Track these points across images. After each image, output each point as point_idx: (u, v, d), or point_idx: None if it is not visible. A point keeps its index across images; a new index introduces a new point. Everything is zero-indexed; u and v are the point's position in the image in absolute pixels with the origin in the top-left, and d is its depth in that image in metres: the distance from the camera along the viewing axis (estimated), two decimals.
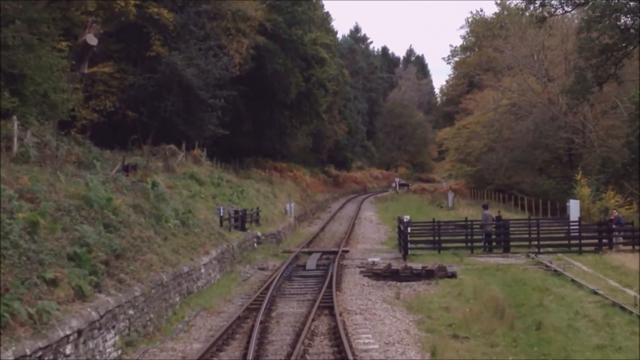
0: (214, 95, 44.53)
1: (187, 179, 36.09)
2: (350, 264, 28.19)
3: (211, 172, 41.08)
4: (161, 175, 34.16)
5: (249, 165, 57.84)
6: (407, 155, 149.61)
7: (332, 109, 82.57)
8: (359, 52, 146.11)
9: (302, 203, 56.78)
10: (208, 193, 35.28)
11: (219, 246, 25.22)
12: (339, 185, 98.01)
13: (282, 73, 54.02)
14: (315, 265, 27.61)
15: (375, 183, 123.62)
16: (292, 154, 77.73)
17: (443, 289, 22.38)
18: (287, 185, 59.37)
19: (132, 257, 17.26)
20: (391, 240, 38.44)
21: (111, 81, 42.12)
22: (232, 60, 45.95)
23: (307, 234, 42.81)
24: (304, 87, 59.65)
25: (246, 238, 30.72)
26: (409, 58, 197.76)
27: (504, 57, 72.08)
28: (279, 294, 21.77)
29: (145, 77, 43.30)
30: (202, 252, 22.74)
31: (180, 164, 38.86)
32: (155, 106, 43.23)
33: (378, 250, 33.52)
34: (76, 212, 17.16)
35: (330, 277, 23.78)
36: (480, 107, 76.31)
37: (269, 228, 36.94)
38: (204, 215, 28.79)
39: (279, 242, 36.84)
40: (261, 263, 28.63)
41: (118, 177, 25.96)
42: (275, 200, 47.38)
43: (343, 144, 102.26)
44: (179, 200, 27.32)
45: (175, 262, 19.53)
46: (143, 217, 20.95)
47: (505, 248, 31.33)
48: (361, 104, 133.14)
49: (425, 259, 29.00)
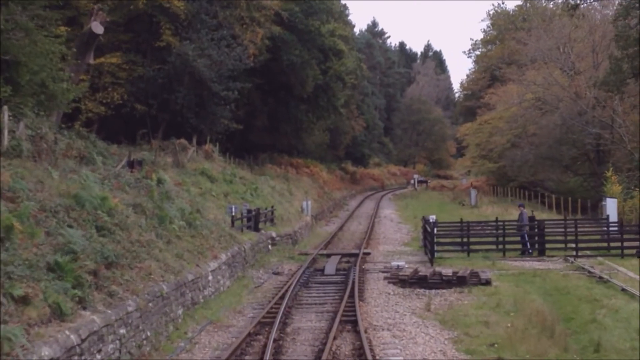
0: (227, 88, 42.37)
1: (197, 175, 33.97)
2: (373, 269, 25.91)
3: (224, 169, 38.90)
4: (170, 172, 32.08)
5: (264, 161, 55.64)
6: (425, 152, 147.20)
7: (349, 103, 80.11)
8: (377, 46, 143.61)
9: (319, 200, 54.51)
10: (219, 191, 33.10)
11: (230, 249, 23.00)
12: (356, 182, 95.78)
13: (298, 65, 51.69)
14: (335, 269, 25.35)
15: (393, 180, 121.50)
16: (308, 150, 75.48)
17: (478, 298, 20.05)
18: (303, 182, 57.10)
19: (127, 264, 15.08)
20: (414, 241, 36.14)
21: (119, 72, 40.29)
22: (246, 51, 43.73)
23: (325, 234, 40.56)
24: (321, 80, 57.29)
25: (260, 239, 28.47)
26: (427, 53, 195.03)
27: (528, 49, 69.32)
28: (295, 303, 19.52)
29: (155, 69, 41.35)
30: (210, 256, 20.53)
31: (190, 160, 36.75)
32: (165, 99, 41.22)
33: (401, 253, 31.21)
34: (64, 213, 15.03)
35: (351, 284, 21.50)
36: (502, 102, 73.57)
37: (284, 228, 34.69)
38: (214, 214, 26.60)
39: (295, 243, 34.60)
40: (276, 267, 26.41)
41: (121, 173, 23.82)
42: (291, 198, 45.12)
43: (360, 140, 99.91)
44: (187, 198, 25.14)
45: (179, 269, 17.33)
46: (144, 218, 18.79)
47: (541, 251, 28.88)
48: (378, 100, 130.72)
49: (454, 262, 26.71)
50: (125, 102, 40.04)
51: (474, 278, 22.59)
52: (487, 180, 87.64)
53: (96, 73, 39.81)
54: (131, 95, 40.50)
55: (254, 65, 45.92)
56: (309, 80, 54.20)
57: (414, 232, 41.48)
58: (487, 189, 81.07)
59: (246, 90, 47.67)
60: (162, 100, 41.28)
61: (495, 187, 77.47)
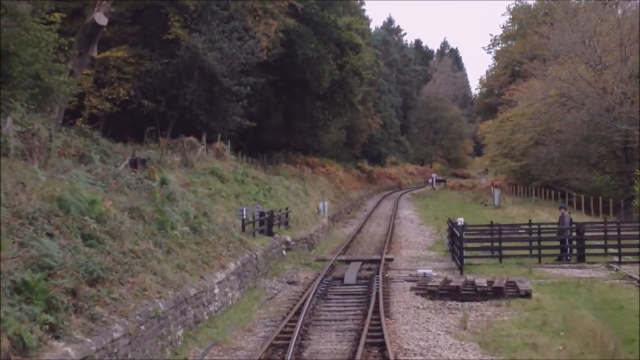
0: (239, 83, 40.19)
1: (207, 175, 31.82)
2: (397, 277, 23.60)
3: (235, 168, 36.70)
4: (177, 171, 30.02)
5: (278, 160, 53.40)
6: (442, 151, 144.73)
7: (366, 100, 77.64)
8: (393, 44, 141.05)
9: (336, 201, 52.19)
10: (230, 191, 30.91)
11: (240, 257, 20.76)
12: (373, 181, 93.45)
13: (314, 59, 49.37)
14: (355, 278, 23.05)
15: (410, 179, 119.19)
16: (324, 149, 73.14)
17: (519, 314, 17.70)
18: (319, 181, 54.75)
19: (117, 279, 12.89)
20: (439, 245, 33.82)
21: (125, 67, 38.32)
22: (258, 44, 41.52)
23: (343, 237, 38.29)
24: (338, 75, 54.93)
25: (273, 244, 26.19)
26: (443, 51, 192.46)
27: (551, 43, 66.69)
28: (312, 320, 17.23)
29: (163, 63, 39.31)
30: (217, 266, 18.29)
31: (200, 159, 34.62)
32: (174, 94, 39.16)
33: (426, 258, 28.86)
34: (44, 220, 12.89)
35: (375, 296, 19.20)
36: (525, 98, 70.93)
37: (299, 231, 32.41)
38: (223, 218, 24.37)
39: (312, 247, 32.30)
40: (291, 275, 24.14)
41: (121, 173, 21.69)
42: (306, 199, 42.81)
43: (377, 138, 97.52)
44: (193, 200, 22.93)
45: (180, 283, 15.10)
46: (141, 224, 16.61)
47: (580, 257, 26.41)
48: (395, 98, 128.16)
49: (485, 270, 24.37)
50: (132, 98, 38.10)
51: (511, 289, 20.26)
52: (507, 179, 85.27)
53: (101, 68, 37.85)
54: (138, 90, 38.55)
55: (267, 59, 43.74)
56: (325, 76, 51.90)
57: (437, 234, 39.17)
58: (508, 188, 78.58)
59: (259, 86, 45.51)
60: (171, 96, 39.25)
61: (515, 187, 75.10)
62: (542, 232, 28.28)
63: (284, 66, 49.76)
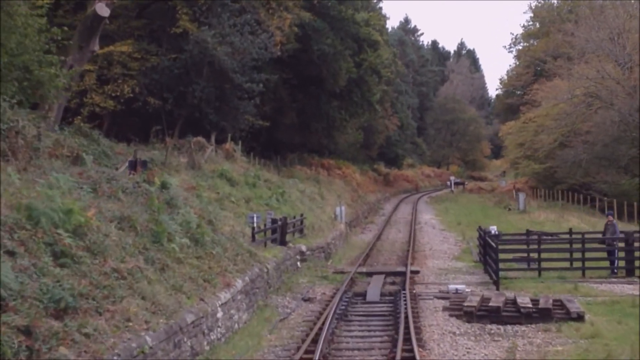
0: (251, 79, 37.77)
1: (215, 178, 29.38)
2: (426, 293, 21.00)
3: (246, 170, 34.21)
4: (183, 174, 27.64)
5: (293, 162, 50.86)
6: (459, 153, 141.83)
7: (383, 101, 75.00)
8: (409, 44, 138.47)
9: (353, 205, 49.62)
10: (240, 196, 28.41)
11: (248, 271, 18.22)
12: (390, 184, 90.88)
13: (330, 56, 46.87)
14: (379, 294, 20.47)
15: (427, 181, 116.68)
16: (340, 150, 70.55)
17: (574, 342, 15.06)
18: (336, 184, 52.13)
19: (93, 308, 10.39)
20: (466, 255, 31.24)
21: (130, 63, 36.01)
22: (272, 38, 39.00)
23: (361, 244, 35.74)
24: (355, 73, 52.42)
25: (286, 256, 23.60)
26: (460, 52, 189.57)
27: (578, 41, 63.84)
28: (332, 348, 14.67)
29: (171, 58, 36.96)
30: (222, 284, 15.76)
31: (208, 160, 32.20)
32: (181, 92, 36.83)
33: (455, 270, 26.22)
34: (7, 234, 10.41)
35: (404, 318, 16.61)
36: (549, 98, 68.05)
37: (315, 239, 29.84)
38: (231, 226, 21.89)
39: (329, 257, 29.73)
40: (306, 290, 21.55)
41: (116, 176, 19.21)
42: (323, 203, 40.20)
43: (394, 139, 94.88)
44: (197, 206, 20.43)
45: (174, 309, 12.59)
46: (132, 236, 14.14)
47: (629, 270, 23.65)
48: (411, 99, 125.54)
49: (524, 285, 21.78)
50: (137, 95, 35.82)
51: (559, 309, 17.64)
52: (527, 182, 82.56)
53: (104, 63, 35.57)
54: (144, 88, 36.32)
55: (280, 55, 41.27)
56: (341, 73, 49.42)
57: (462, 242, 36.59)
58: (530, 191, 75.78)
59: (272, 83, 43.09)
60: (179, 94, 36.92)
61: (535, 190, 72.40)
62: (586, 242, 25.37)
63: (298, 63, 47.33)
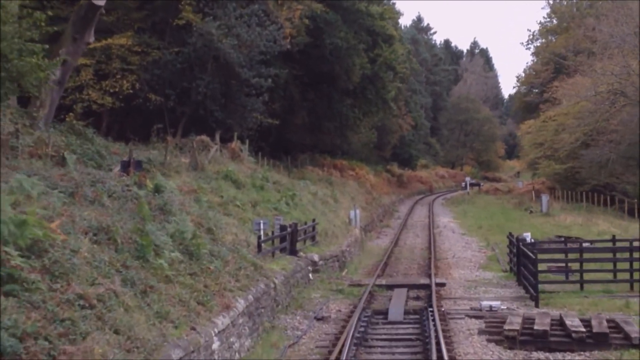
0: (259, 74, 35.34)
1: (219, 180, 26.89)
2: (456, 311, 18.41)
3: (253, 171, 31.67)
4: (184, 175, 25.23)
5: (304, 163, 48.27)
6: (473, 153, 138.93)
7: (398, 99, 72.29)
8: (422, 42, 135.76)
9: (367, 208, 46.99)
10: (246, 199, 25.87)
11: (253, 288, 15.69)
12: (403, 185, 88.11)
13: (343, 50, 44.31)
14: (403, 313, 17.92)
15: (441, 182, 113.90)
16: (353, 150, 67.88)
17: None
18: (349, 186, 49.46)
19: (44, 352, 7.92)
20: (493, 263, 28.68)
21: (130, 57, 33.81)
22: (281, 30, 36.58)
23: (378, 251, 33.20)
24: (369, 69, 49.84)
25: (297, 267, 20.98)
26: (473, 51, 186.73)
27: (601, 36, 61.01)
28: None
29: (173, 52, 34.67)
30: (220, 306, 13.25)
31: (212, 161, 29.74)
32: (185, 88, 34.50)
33: (484, 282, 23.60)
34: None
35: (435, 344, 14.06)
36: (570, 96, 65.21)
37: (329, 247, 27.27)
38: (234, 235, 19.39)
39: (343, 266, 27.15)
40: (319, 307, 18.96)
41: (103, 178, 16.78)
42: (336, 207, 37.56)
43: (408, 139, 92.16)
44: (195, 212, 17.96)
45: (156, 343, 10.05)
46: (110, 252, 11.68)
47: None
48: (424, 98, 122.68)
49: (567, 301, 19.21)
50: (137, 91, 33.62)
51: (615, 333, 15.06)
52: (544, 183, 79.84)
53: (102, 57, 33.29)
54: (144, 83, 34.13)
55: (290, 49, 38.85)
56: (355, 69, 46.86)
57: (487, 248, 34.02)
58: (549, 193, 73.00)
59: (282, 79, 40.71)
60: (182, 90, 34.58)
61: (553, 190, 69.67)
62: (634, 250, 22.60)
63: (310, 58, 44.85)
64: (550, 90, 72.63)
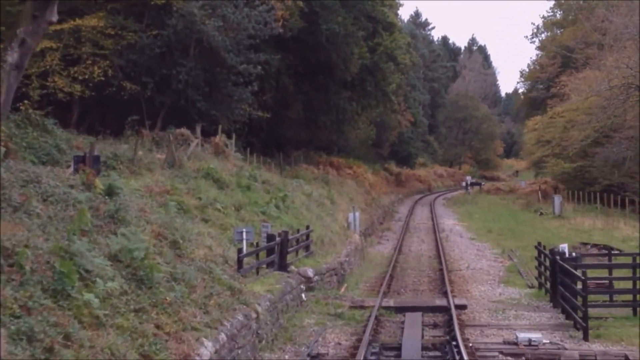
0: (247, 60, 31.63)
1: (199, 178, 23.06)
2: (485, 346, 14.56)
3: (240, 169, 27.74)
4: (157, 174, 21.54)
5: (297, 160, 44.38)
6: (472, 152, 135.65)
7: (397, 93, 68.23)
8: (420, 38, 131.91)
9: (367, 210, 43.13)
10: (229, 202, 22.03)
11: (226, 323, 11.87)
12: (402, 184, 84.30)
13: (340, 37, 40.49)
14: (420, 348, 14.11)
15: (440, 182, 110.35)
16: (350, 147, 63.89)
17: None
18: (347, 186, 45.48)
19: None
20: (513, 275, 25.08)
21: (103, 40, 30.36)
22: (272, 12, 32.80)
23: (381, 260, 29.42)
24: (369, 59, 46.02)
25: (287, 286, 16.96)
26: (471, 48, 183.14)
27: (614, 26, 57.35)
28: None
29: (151, 35, 31.03)
30: (175, 357, 9.44)
31: (192, 157, 25.90)
32: (164, 75, 30.85)
33: (513, 303, 19.70)
34: None
35: None
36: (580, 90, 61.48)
37: (325, 258, 23.35)
38: (208, 247, 15.55)
39: (342, 279, 23.24)
40: (313, 340, 15.03)
41: (39, 176, 13.08)
42: (333, 209, 33.57)
43: (407, 137, 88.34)
44: (158, 221, 14.17)
45: None
46: (8, 286, 7.91)
47: None
48: (423, 95, 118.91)
49: (622, 332, 15.44)
50: (110, 79, 29.73)
51: None
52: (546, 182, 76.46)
53: (71, 40, 29.58)
54: (118, 70, 30.37)
55: (283, 33, 35.11)
56: (353, 59, 43.03)
57: (502, 255, 30.36)
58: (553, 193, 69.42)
59: (274, 68, 37.05)
60: (161, 77, 30.89)
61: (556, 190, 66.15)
62: None
63: (304, 46, 41.11)
64: (558, 85, 69.05)
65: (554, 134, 66.18)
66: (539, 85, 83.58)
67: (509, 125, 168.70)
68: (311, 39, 40.47)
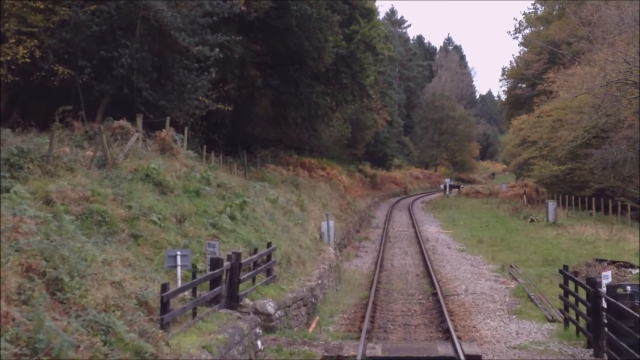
0: (203, 41, 26.74)
1: (135, 181, 18.24)
2: None
3: (190, 170, 22.77)
4: (79, 175, 16.72)
5: (264, 161, 39.46)
6: (447, 153, 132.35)
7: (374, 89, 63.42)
8: (396, 36, 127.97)
9: (342, 216, 38.32)
10: (170, 211, 17.21)
11: None
12: (377, 187, 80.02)
13: (313, 21, 35.75)
14: None
15: (416, 184, 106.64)
16: (323, 147, 59.03)
17: None
18: (320, 189, 40.47)
19: None
20: (523, 301, 20.57)
21: (30, 16, 24.92)
22: None
23: (360, 280, 24.76)
24: (345, 48, 41.30)
25: (234, 336, 11.82)
26: (447, 47, 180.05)
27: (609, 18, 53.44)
28: None
29: (89, 10, 25.80)
30: None
31: (131, 154, 21.04)
32: (105, 58, 25.74)
33: (539, 350, 15.09)
34: None
35: None
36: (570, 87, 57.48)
37: (292, 283, 18.46)
38: (114, 285, 10.66)
39: (312, 311, 18.39)
40: None
41: None
42: (303, 217, 28.52)
43: (383, 137, 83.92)
44: (36, 247, 9.35)
45: None
46: None
47: None
48: (398, 94, 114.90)
49: None
50: (39, 61, 24.65)
51: None
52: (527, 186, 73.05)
53: None
54: (49, 51, 25.18)
55: (246, 12, 30.27)
56: (328, 47, 38.25)
57: (502, 272, 25.87)
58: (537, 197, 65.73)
59: (237, 54, 32.21)
60: (100, 60, 25.77)
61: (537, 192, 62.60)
62: None
63: (273, 33, 36.37)
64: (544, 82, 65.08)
65: (541, 134, 62.27)
66: (522, 84, 79.78)
67: (485, 127, 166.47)
68: (280, 24, 35.69)
